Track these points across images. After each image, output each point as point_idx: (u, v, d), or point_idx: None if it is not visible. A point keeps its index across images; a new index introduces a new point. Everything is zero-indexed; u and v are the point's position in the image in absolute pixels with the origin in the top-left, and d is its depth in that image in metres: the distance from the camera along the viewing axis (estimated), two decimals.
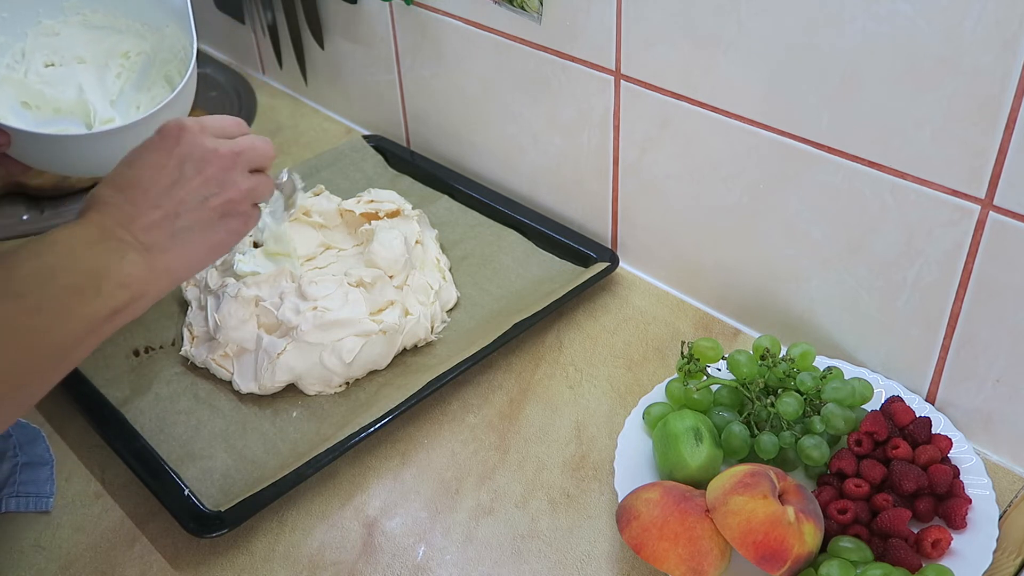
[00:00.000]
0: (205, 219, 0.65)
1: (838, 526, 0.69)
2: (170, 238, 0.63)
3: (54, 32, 0.94)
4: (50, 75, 0.93)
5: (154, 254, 0.62)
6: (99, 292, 0.58)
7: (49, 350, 0.57)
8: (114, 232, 0.61)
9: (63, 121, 0.91)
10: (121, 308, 0.59)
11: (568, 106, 0.95)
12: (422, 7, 1.05)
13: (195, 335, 0.89)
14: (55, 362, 0.58)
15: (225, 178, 0.66)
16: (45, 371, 0.57)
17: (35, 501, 0.77)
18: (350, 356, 0.84)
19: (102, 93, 0.93)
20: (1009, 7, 0.62)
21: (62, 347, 0.57)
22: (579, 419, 0.84)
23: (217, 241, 0.66)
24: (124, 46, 0.94)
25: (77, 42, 0.94)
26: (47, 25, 0.93)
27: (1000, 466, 0.77)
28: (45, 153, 0.81)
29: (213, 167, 0.65)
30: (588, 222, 1.02)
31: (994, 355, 0.74)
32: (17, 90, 0.91)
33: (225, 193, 0.66)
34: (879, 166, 0.74)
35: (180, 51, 0.91)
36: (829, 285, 0.82)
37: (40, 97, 0.91)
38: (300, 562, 0.73)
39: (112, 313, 0.59)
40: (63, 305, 0.57)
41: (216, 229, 0.66)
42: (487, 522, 0.76)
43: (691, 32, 0.80)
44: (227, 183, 0.66)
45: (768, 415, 0.75)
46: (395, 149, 1.18)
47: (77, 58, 0.94)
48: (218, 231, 0.66)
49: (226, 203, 0.66)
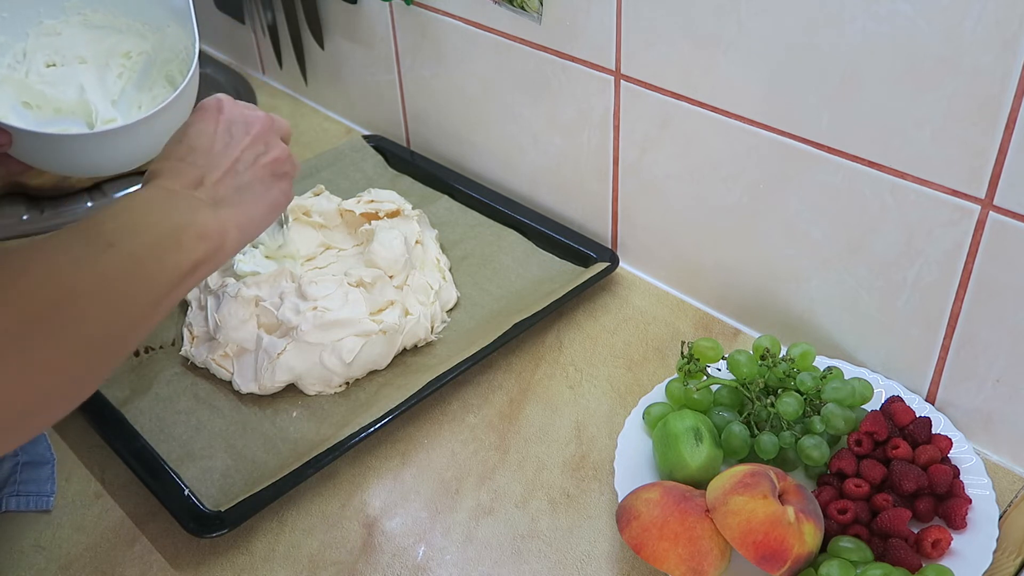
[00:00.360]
0: (260, 177, 0.69)
1: (838, 526, 0.69)
2: (236, 192, 0.67)
3: (55, 32, 0.94)
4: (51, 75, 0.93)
5: (223, 209, 0.65)
6: (180, 245, 0.60)
7: (145, 299, 0.58)
8: (183, 193, 0.64)
9: (64, 121, 0.91)
10: (201, 261, 0.61)
11: (568, 106, 0.95)
12: (422, 7, 1.05)
13: (195, 335, 0.89)
14: (148, 312, 0.59)
15: (269, 139, 0.71)
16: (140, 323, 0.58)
17: (35, 500, 0.77)
18: (350, 356, 0.84)
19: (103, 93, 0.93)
20: (1009, 7, 0.62)
21: (155, 297, 0.58)
22: (579, 419, 0.84)
23: (272, 200, 0.70)
24: (125, 46, 0.94)
25: (78, 42, 0.94)
26: (48, 25, 0.93)
27: (1000, 466, 0.77)
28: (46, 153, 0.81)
29: (256, 128, 0.70)
30: (588, 222, 1.02)
31: (994, 355, 0.74)
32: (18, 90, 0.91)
33: (272, 152, 0.70)
34: (879, 166, 0.74)
35: (181, 51, 0.91)
36: (829, 285, 0.82)
37: (41, 97, 0.91)
38: (300, 562, 0.73)
39: (193, 266, 0.61)
40: (152, 255, 0.58)
41: (271, 188, 0.70)
42: (487, 522, 0.76)
43: (691, 32, 0.80)
44: (272, 144, 0.71)
45: (768, 415, 0.75)
46: (395, 149, 1.18)
47: (78, 58, 0.94)
48: (272, 190, 0.70)
49: (274, 162, 0.70)
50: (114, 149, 0.81)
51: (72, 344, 0.52)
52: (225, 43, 1.46)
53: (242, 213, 0.66)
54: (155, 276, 0.58)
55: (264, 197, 0.69)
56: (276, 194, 0.70)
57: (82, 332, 0.52)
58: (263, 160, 0.69)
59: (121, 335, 0.57)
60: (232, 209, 0.65)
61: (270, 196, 0.69)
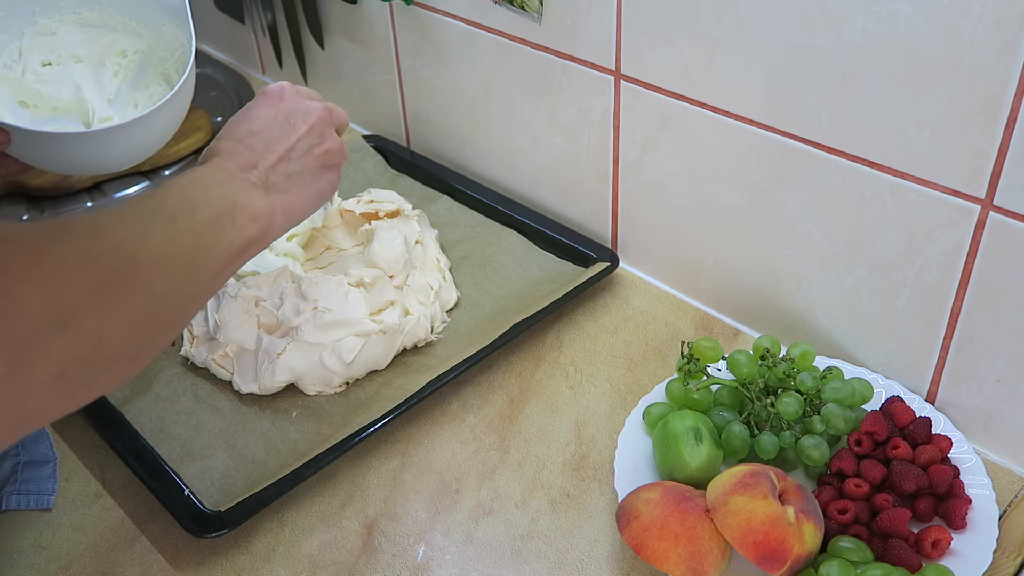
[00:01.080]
0: (311, 166, 0.71)
1: (838, 526, 0.69)
2: (287, 179, 0.69)
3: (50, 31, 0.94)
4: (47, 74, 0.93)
5: (274, 193, 0.67)
6: (234, 223, 0.62)
7: (202, 273, 0.60)
8: (238, 174, 0.66)
9: (61, 120, 0.91)
10: (252, 240, 0.64)
11: (568, 106, 0.95)
12: (422, 7, 1.05)
13: (195, 335, 0.89)
14: (205, 287, 0.61)
15: (324, 131, 0.73)
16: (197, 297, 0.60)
17: (36, 499, 0.77)
18: (350, 356, 0.84)
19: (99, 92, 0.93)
20: (1009, 7, 0.62)
21: (211, 272, 0.60)
22: (579, 419, 0.84)
23: (320, 189, 0.72)
24: (120, 44, 0.94)
25: (73, 41, 0.94)
26: (43, 24, 0.93)
27: (1000, 466, 0.77)
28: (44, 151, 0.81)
29: (313, 119, 0.72)
30: (588, 222, 1.02)
31: (994, 355, 0.74)
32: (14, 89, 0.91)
33: (325, 144, 0.72)
34: (879, 166, 0.74)
35: (178, 49, 0.91)
36: (829, 285, 0.82)
37: (37, 96, 0.91)
38: (300, 562, 0.73)
39: (246, 245, 0.63)
40: (209, 231, 0.60)
41: (319, 177, 0.71)
42: (487, 522, 0.76)
43: (691, 32, 0.80)
44: (326, 135, 0.73)
45: (768, 415, 0.75)
46: (395, 149, 1.18)
47: (74, 57, 0.94)
48: (320, 179, 0.72)
49: (326, 153, 0.72)
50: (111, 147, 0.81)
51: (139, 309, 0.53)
52: (225, 43, 1.46)
53: (291, 199, 0.68)
54: (212, 252, 0.60)
55: (312, 186, 0.71)
56: (324, 184, 0.72)
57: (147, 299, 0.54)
58: (316, 150, 0.71)
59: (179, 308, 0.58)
60: (282, 195, 0.68)
61: (318, 185, 0.71)
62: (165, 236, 0.57)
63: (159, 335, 0.56)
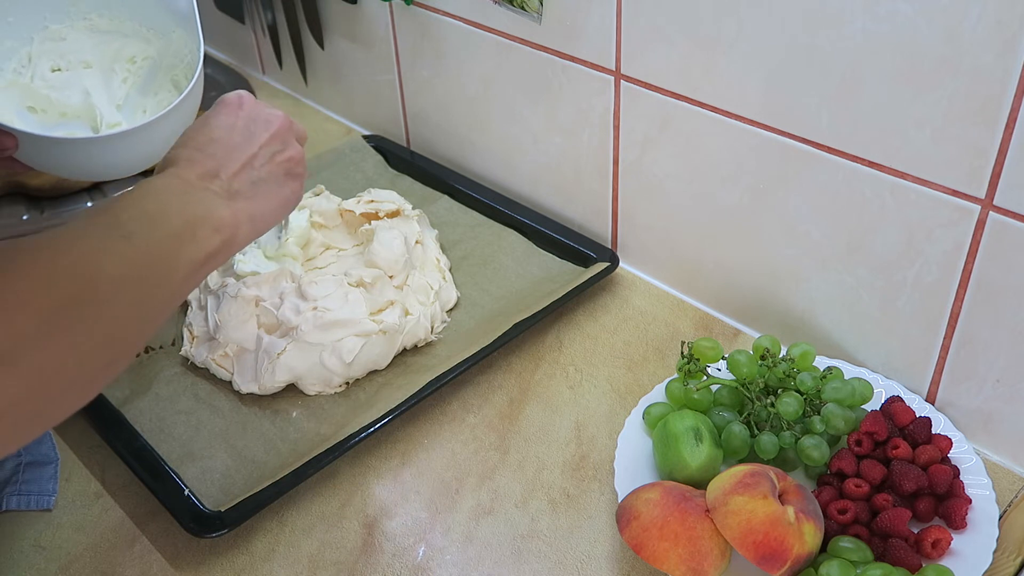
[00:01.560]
0: (275, 173, 0.70)
1: (838, 526, 0.69)
2: (250, 186, 0.67)
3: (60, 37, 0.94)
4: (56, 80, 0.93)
5: (237, 202, 0.65)
6: (195, 237, 0.61)
7: (162, 290, 0.58)
8: (199, 183, 0.64)
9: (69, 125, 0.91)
10: (214, 253, 0.62)
11: (568, 106, 0.95)
12: (422, 7, 1.05)
13: (195, 335, 0.89)
14: (165, 304, 0.59)
15: (286, 138, 0.71)
16: (158, 313, 0.59)
17: (37, 499, 0.77)
18: (350, 356, 0.84)
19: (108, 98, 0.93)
20: (1009, 7, 0.62)
21: (171, 288, 0.59)
22: (579, 419, 0.84)
23: (285, 197, 0.70)
24: (130, 51, 0.94)
25: (83, 47, 0.94)
26: (53, 30, 0.93)
27: (1000, 466, 0.77)
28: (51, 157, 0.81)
29: (275, 126, 0.71)
30: (588, 222, 1.02)
31: (994, 355, 0.74)
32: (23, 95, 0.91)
33: (287, 151, 0.71)
34: (879, 166, 0.74)
35: (186, 55, 0.91)
36: (829, 285, 0.82)
37: (46, 101, 0.91)
38: (300, 562, 0.73)
39: (207, 258, 0.61)
40: (168, 249, 0.59)
41: (284, 185, 0.70)
42: (487, 522, 0.76)
43: (691, 32, 0.80)
44: (288, 143, 0.71)
45: (768, 415, 0.75)
46: (395, 149, 1.18)
47: (83, 63, 0.94)
48: (285, 188, 0.70)
49: (288, 160, 0.71)
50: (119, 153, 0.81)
51: (95, 335, 0.52)
52: (225, 43, 1.46)
53: (255, 207, 0.67)
54: (171, 268, 0.59)
55: (277, 193, 0.69)
56: (288, 192, 0.71)
57: (104, 323, 0.52)
58: (279, 158, 0.70)
59: (140, 325, 0.57)
60: (246, 202, 0.66)
61: (283, 193, 0.70)
62: (122, 255, 0.55)
63: (115, 359, 0.55)
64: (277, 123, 0.71)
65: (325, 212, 0.98)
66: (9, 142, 0.76)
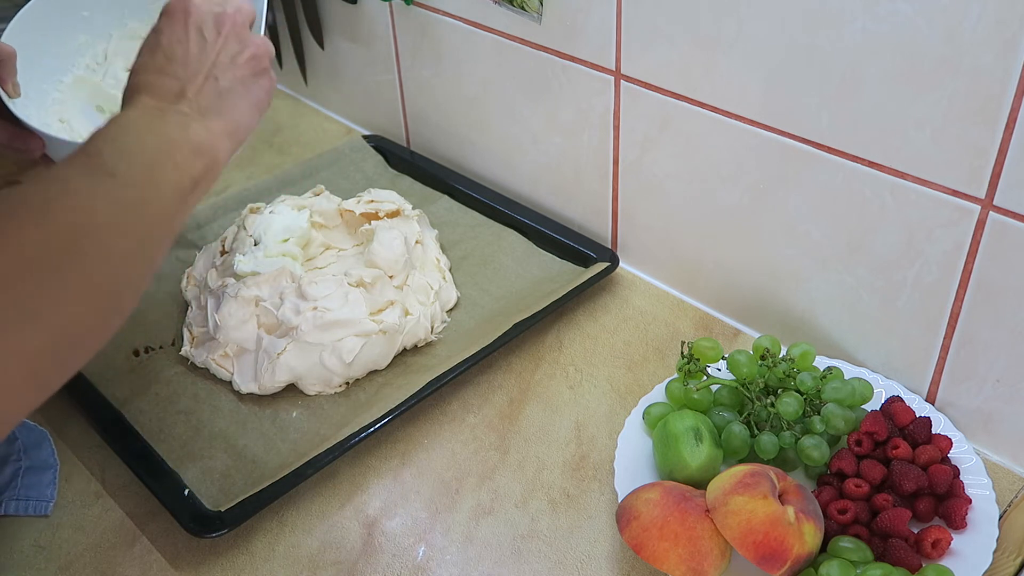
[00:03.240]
0: (240, 77, 0.67)
1: (838, 526, 0.69)
2: (218, 99, 0.65)
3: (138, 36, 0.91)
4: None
5: (210, 118, 0.64)
6: (176, 164, 0.60)
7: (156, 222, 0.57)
8: (168, 108, 0.63)
9: None
10: (199, 177, 0.61)
11: (568, 106, 0.95)
12: (422, 7, 1.05)
13: (195, 335, 0.89)
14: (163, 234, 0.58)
15: (242, 35, 0.68)
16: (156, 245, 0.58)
17: (35, 505, 0.77)
18: (350, 356, 0.84)
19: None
20: (1009, 7, 0.62)
21: (164, 218, 0.58)
22: (579, 419, 0.84)
23: (256, 99, 0.68)
24: None
25: None
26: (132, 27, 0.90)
27: (1000, 466, 0.77)
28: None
29: (226, 26, 0.67)
30: (588, 222, 1.02)
31: (994, 355, 0.74)
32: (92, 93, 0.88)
33: (248, 50, 0.68)
34: (879, 166, 0.74)
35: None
36: (829, 285, 0.82)
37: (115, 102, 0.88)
38: (300, 562, 0.73)
39: (194, 183, 0.60)
40: (151, 178, 0.58)
41: (252, 87, 0.68)
42: (487, 522, 0.76)
43: (691, 32, 0.80)
44: (245, 39, 0.68)
45: (768, 415, 0.75)
46: (395, 149, 1.18)
47: None
48: (254, 89, 0.68)
49: (251, 59, 0.68)
50: None
51: (98, 284, 0.52)
52: None
53: (229, 120, 0.65)
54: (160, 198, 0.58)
55: (247, 97, 0.67)
56: (258, 92, 0.68)
57: (105, 269, 0.52)
58: (240, 59, 0.67)
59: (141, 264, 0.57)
60: (220, 117, 0.64)
61: (253, 95, 0.68)
62: (110, 195, 0.55)
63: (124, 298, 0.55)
64: (227, 22, 0.67)
65: (325, 212, 0.98)
66: (36, 144, 0.76)
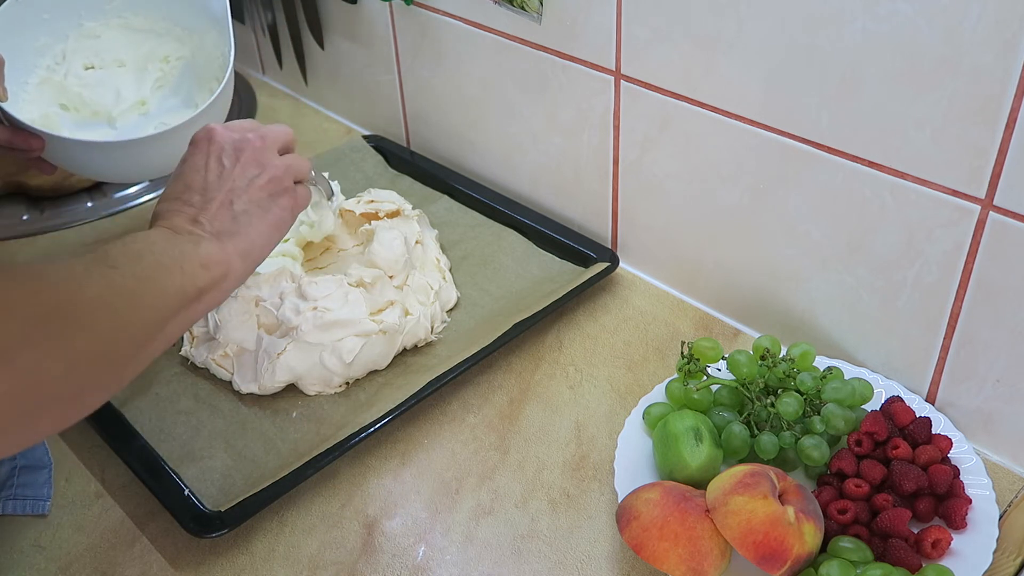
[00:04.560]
0: (257, 199, 0.69)
1: (838, 526, 0.69)
2: (233, 222, 0.67)
3: (95, 35, 0.93)
4: (89, 78, 0.93)
5: (224, 239, 0.66)
6: (183, 271, 0.62)
7: (148, 318, 0.59)
8: (184, 229, 0.66)
9: (100, 125, 0.91)
10: (206, 288, 0.63)
11: (568, 106, 0.95)
12: (422, 7, 1.05)
13: (195, 335, 0.89)
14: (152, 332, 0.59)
15: (262, 159, 0.71)
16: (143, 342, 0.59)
17: (32, 504, 0.77)
18: (350, 356, 0.84)
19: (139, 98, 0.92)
20: (1009, 7, 0.62)
21: (159, 317, 0.60)
22: (579, 419, 0.84)
23: (275, 219, 0.70)
24: (164, 50, 0.94)
25: (117, 45, 0.94)
26: (88, 27, 0.92)
27: (1000, 466, 0.77)
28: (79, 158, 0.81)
29: (247, 152, 0.70)
30: (588, 222, 1.02)
31: (994, 355, 0.74)
32: (56, 92, 0.90)
33: (267, 172, 0.71)
34: (879, 166, 0.74)
35: (218, 57, 0.90)
36: (829, 285, 0.82)
37: (79, 100, 0.90)
38: (300, 562, 0.73)
39: (198, 292, 0.62)
40: (154, 276, 0.60)
41: (270, 208, 0.70)
42: (487, 522, 0.76)
43: (691, 32, 0.80)
44: (266, 164, 0.71)
45: (768, 415, 0.75)
46: (395, 149, 1.18)
47: (117, 61, 0.93)
48: (272, 209, 0.70)
49: (270, 181, 0.70)
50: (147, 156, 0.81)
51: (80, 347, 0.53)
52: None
53: (244, 239, 0.67)
54: (158, 297, 0.59)
55: (264, 218, 0.69)
56: (277, 213, 0.71)
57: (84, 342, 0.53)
58: (258, 183, 0.70)
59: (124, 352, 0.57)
60: (234, 238, 0.67)
61: (271, 216, 0.70)
62: (106, 280, 0.56)
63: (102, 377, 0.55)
64: (248, 148, 0.71)
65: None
66: (36, 143, 0.76)
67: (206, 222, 0.66)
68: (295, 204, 0.72)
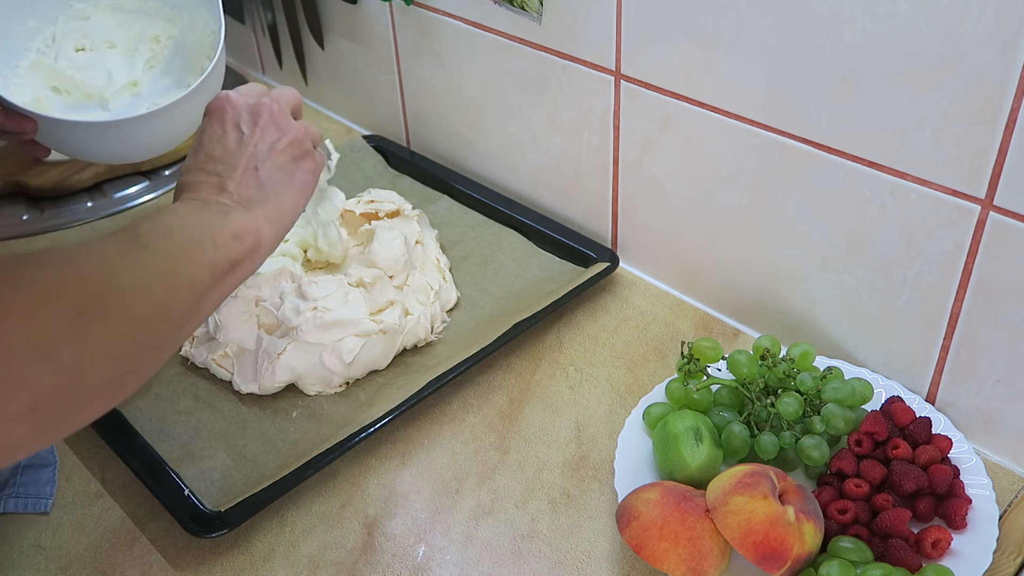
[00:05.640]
0: (280, 163, 0.69)
1: (838, 526, 0.69)
2: (260, 189, 0.67)
3: (84, 16, 0.93)
4: (80, 60, 0.93)
5: (253, 207, 0.66)
6: (215, 245, 0.61)
7: (184, 295, 0.58)
8: (211, 200, 0.65)
9: (92, 107, 0.91)
10: (239, 259, 0.63)
11: (568, 106, 0.95)
12: (422, 7, 1.05)
13: (195, 335, 0.89)
14: (190, 309, 0.59)
15: (280, 123, 0.70)
16: (182, 319, 0.58)
17: (34, 502, 0.77)
18: (350, 356, 0.84)
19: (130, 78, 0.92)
20: (1009, 7, 0.62)
21: (195, 293, 0.59)
22: (579, 419, 0.84)
23: (300, 182, 0.70)
24: (154, 30, 0.94)
25: (107, 26, 0.94)
26: (78, 9, 0.92)
27: (1000, 466, 0.77)
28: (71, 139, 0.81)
29: (263, 117, 0.70)
30: (588, 222, 1.02)
31: (994, 355, 0.74)
32: (47, 75, 0.90)
33: (287, 136, 0.70)
34: (879, 166, 0.74)
35: (209, 36, 0.90)
36: (829, 285, 0.82)
37: (70, 82, 0.90)
38: (300, 562, 0.73)
39: (231, 264, 0.62)
40: (186, 253, 0.59)
41: (294, 172, 0.70)
42: (487, 522, 0.76)
43: (691, 32, 0.80)
44: (284, 126, 0.70)
45: (768, 415, 0.75)
46: (395, 149, 1.18)
47: (107, 43, 0.93)
48: (296, 174, 0.70)
49: (291, 144, 0.70)
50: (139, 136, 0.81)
51: (116, 339, 0.52)
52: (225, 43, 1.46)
53: (272, 207, 0.67)
54: (192, 274, 0.59)
55: (290, 182, 0.69)
56: (301, 176, 0.70)
57: (124, 327, 0.53)
58: (279, 146, 0.69)
59: (163, 331, 0.57)
60: (263, 205, 0.66)
61: (295, 181, 0.70)
62: (140, 260, 0.56)
63: (143, 361, 0.55)
64: (264, 112, 0.70)
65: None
66: (28, 125, 0.76)
67: (233, 191, 0.66)
68: (314, 165, 0.72)
